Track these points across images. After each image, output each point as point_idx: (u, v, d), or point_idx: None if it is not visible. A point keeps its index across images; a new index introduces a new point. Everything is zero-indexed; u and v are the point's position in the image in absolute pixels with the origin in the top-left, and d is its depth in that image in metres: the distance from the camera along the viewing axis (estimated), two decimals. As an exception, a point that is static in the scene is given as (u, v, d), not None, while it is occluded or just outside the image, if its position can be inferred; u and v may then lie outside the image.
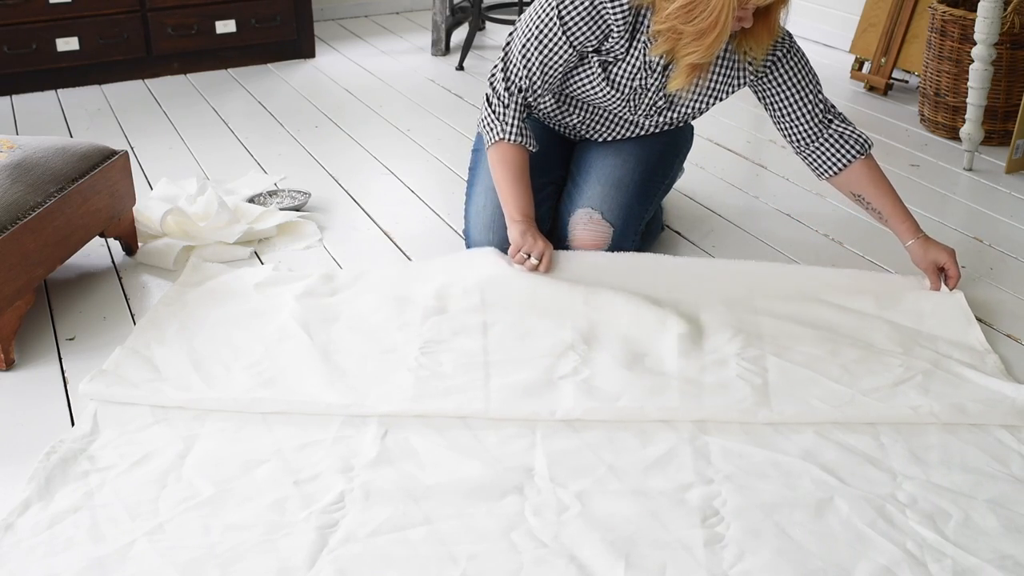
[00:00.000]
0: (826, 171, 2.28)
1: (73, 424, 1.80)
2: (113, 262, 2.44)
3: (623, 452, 1.68)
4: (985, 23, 2.81)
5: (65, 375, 1.96)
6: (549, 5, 2.12)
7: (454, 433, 1.74)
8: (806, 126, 2.24)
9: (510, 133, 2.20)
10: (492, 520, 1.52)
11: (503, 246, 2.27)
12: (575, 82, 2.24)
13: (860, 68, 3.89)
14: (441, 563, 1.44)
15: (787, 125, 2.27)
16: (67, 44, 3.87)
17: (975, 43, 2.85)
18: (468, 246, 2.38)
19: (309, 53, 4.36)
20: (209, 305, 2.14)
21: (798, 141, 2.27)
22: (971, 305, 2.15)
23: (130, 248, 2.45)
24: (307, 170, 3.06)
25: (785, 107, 2.25)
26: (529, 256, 2.14)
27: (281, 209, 2.68)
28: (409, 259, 2.45)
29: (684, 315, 2.06)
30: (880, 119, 3.47)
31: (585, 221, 2.25)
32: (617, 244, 2.25)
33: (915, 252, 2.22)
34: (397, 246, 2.53)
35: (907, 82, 3.80)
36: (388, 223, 2.67)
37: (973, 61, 2.88)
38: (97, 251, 2.48)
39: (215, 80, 4.06)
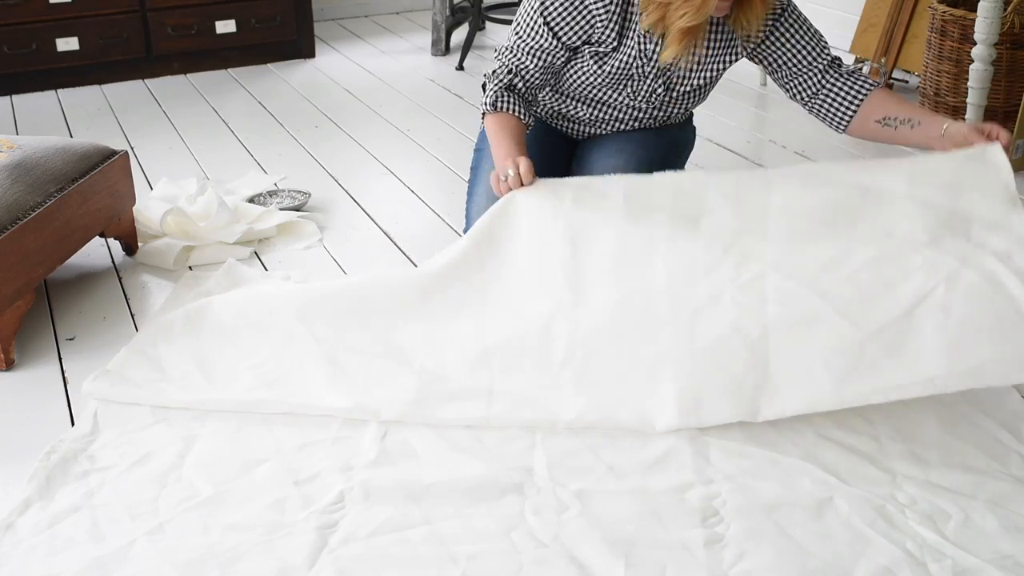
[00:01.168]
0: (844, 113, 2.14)
1: (73, 424, 1.80)
2: (113, 262, 2.44)
3: (623, 452, 1.68)
4: (985, 23, 2.81)
5: (65, 375, 1.96)
6: (537, 1, 2.12)
7: (454, 433, 1.74)
8: (811, 74, 2.16)
9: (491, 101, 2.14)
10: (492, 520, 1.52)
11: None
12: (571, 78, 2.24)
13: (860, 68, 3.89)
14: (441, 563, 1.44)
15: (792, 79, 2.19)
16: (67, 44, 3.88)
17: (975, 43, 2.85)
18: None
19: (309, 53, 4.36)
20: (215, 305, 2.12)
21: (805, 92, 2.18)
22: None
23: (130, 248, 2.45)
24: (307, 170, 3.06)
25: (790, 63, 2.17)
26: (508, 177, 1.96)
27: (281, 209, 2.68)
28: (410, 259, 2.45)
29: (681, 218, 1.85)
30: (880, 119, 3.46)
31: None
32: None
33: (956, 127, 1.96)
34: (397, 246, 2.53)
35: (907, 82, 3.80)
36: (388, 223, 2.67)
37: (973, 61, 2.88)
38: (97, 251, 2.48)
39: (215, 80, 4.06)
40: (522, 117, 2.13)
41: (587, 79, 2.21)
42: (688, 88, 2.26)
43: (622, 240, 1.81)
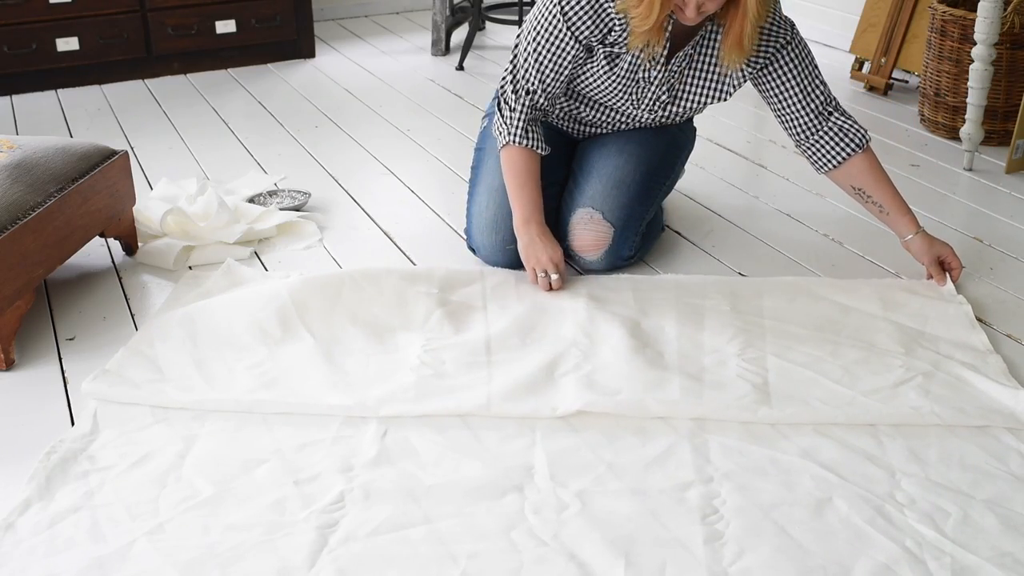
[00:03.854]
0: (825, 164, 2.28)
1: (73, 424, 1.80)
2: (113, 262, 2.44)
3: (623, 451, 1.68)
4: (985, 23, 2.81)
5: (65, 375, 1.96)
6: (552, 3, 2.13)
7: (454, 432, 1.74)
8: (805, 119, 2.25)
9: (515, 136, 2.21)
10: (492, 519, 1.53)
11: (504, 248, 2.29)
12: (584, 80, 2.24)
13: (860, 68, 3.89)
14: (441, 562, 1.44)
15: (786, 117, 2.27)
16: (67, 44, 3.88)
17: (975, 43, 2.85)
18: (469, 246, 2.38)
19: (309, 53, 4.36)
20: (213, 305, 2.13)
21: (797, 134, 2.28)
22: (971, 305, 2.15)
23: (130, 248, 2.45)
24: (307, 170, 3.06)
25: (784, 99, 2.24)
26: (547, 274, 2.18)
27: (281, 209, 2.68)
28: (409, 259, 2.45)
29: (687, 314, 2.07)
30: (880, 119, 3.47)
31: (585, 221, 2.25)
32: (617, 244, 2.26)
33: (918, 245, 2.25)
34: (397, 246, 2.53)
35: (907, 82, 3.80)
36: (388, 223, 2.67)
37: (973, 61, 2.88)
38: (97, 251, 2.48)
39: (215, 80, 4.06)
40: (543, 151, 2.25)
41: (597, 81, 2.23)
42: (690, 104, 2.27)
43: (634, 328, 2.02)
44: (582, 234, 2.26)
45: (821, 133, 2.25)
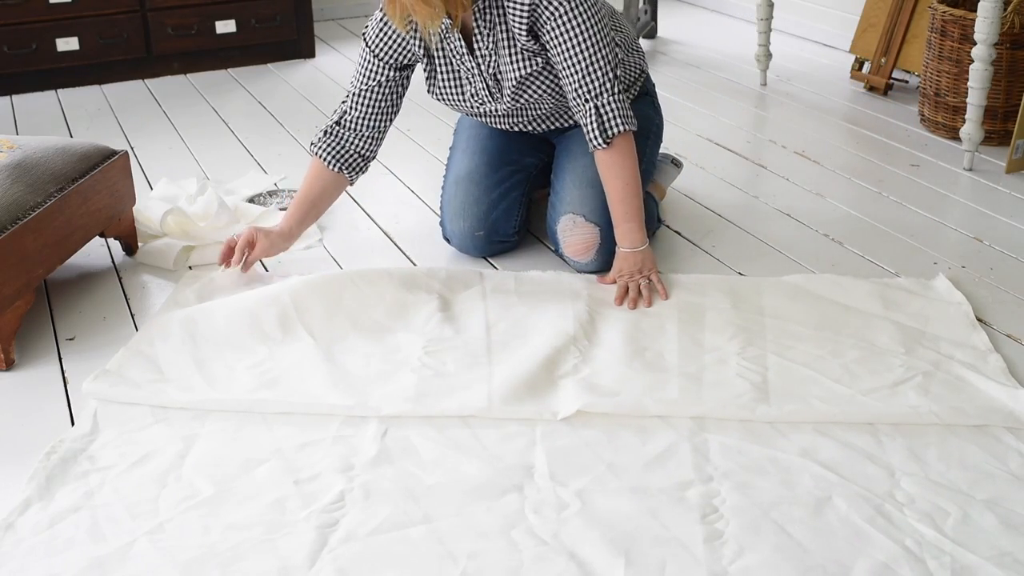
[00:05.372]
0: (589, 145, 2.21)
1: (73, 424, 1.80)
2: (113, 262, 2.44)
3: (622, 450, 1.68)
4: (985, 23, 2.81)
5: (65, 375, 1.96)
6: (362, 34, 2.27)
7: (454, 432, 1.74)
8: (570, 92, 2.16)
9: (312, 142, 2.35)
10: (492, 518, 1.53)
11: (473, 235, 2.37)
12: (444, 101, 2.33)
13: (860, 68, 3.89)
14: (441, 561, 1.44)
15: (563, 84, 2.19)
16: (67, 44, 3.88)
17: (975, 43, 2.85)
18: (444, 236, 2.45)
19: (309, 53, 4.37)
20: (213, 306, 2.13)
21: (571, 104, 2.21)
22: (971, 305, 2.15)
23: (130, 248, 2.45)
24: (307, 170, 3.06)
25: (557, 65, 2.16)
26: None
27: (281, 209, 2.68)
28: (410, 259, 2.46)
29: (688, 312, 2.08)
30: (880, 119, 3.47)
31: (570, 226, 2.26)
32: (607, 242, 2.26)
33: (617, 260, 2.22)
34: (397, 246, 2.53)
35: (907, 82, 3.80)
36: (388, 223, 2.67)
37: (973, 61, 2.88)
38: (97, 251, 2.48)
39: (215, 80, 4.07)
40: (330, 165, 2.32)
41: (442, 94, 2.32)
42: (514, 81, 2.21)
43: (634, 327, 2.04)
44: (570, 240, 2.27)
45: (580, 115, 2.17)
